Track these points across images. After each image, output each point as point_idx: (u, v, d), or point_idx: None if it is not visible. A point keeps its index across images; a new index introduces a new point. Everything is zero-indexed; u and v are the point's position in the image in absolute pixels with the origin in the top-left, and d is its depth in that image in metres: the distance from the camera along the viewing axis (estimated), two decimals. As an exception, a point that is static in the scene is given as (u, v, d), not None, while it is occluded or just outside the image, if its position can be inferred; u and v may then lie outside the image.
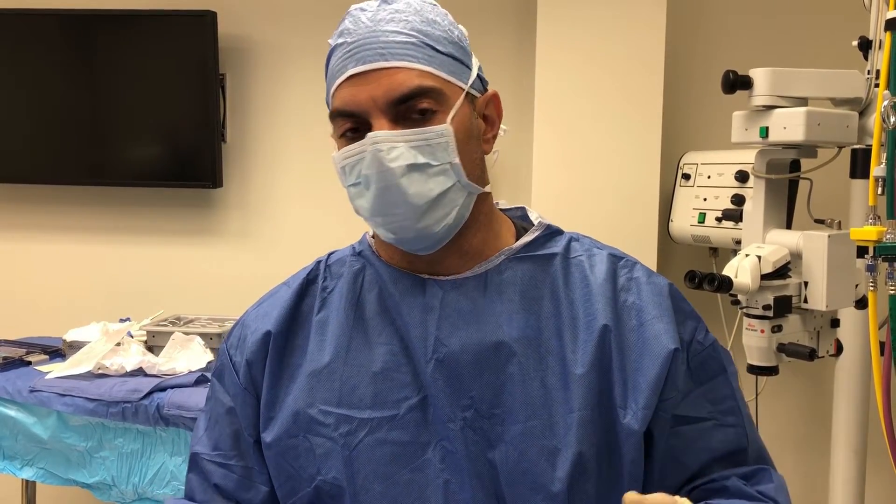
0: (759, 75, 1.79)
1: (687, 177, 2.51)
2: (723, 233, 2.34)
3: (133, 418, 2.13)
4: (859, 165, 1.87)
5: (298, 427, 1.01)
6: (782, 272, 1.82)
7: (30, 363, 2.45)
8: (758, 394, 2.47)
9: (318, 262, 1.10)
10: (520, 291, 1.02)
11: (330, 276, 1.08)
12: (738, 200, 2.28)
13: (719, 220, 2.34)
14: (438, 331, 0.99)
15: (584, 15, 2.47)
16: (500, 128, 1.07)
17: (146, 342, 2.46)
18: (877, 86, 1.78)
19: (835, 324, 1.93)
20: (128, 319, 2.63)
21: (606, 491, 0.98)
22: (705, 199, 2.41)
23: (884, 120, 1.41)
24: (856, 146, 1.86)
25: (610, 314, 1.00)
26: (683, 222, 2.49)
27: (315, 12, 2.81)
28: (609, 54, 2.46)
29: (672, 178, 2.56)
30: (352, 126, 0.97)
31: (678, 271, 1.99)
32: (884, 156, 1.44)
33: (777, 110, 1.78)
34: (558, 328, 1.00)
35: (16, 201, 2.98)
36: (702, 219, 2.41)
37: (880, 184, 1.45)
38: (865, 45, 1.82)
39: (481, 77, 1.03)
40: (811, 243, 1.82)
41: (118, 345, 2.35)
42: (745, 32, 2.65)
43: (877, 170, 1.46)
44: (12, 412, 2.24)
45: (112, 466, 2.20)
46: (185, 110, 2.79)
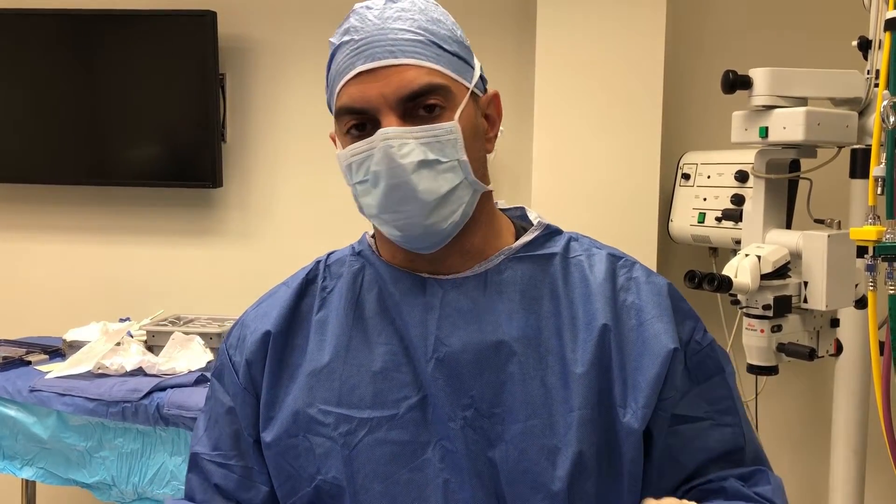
0: (758, 75, 1.79)
1: (687, 177, 2.51)
2: (722, 233, 2.34)
3: (133, 418, 2.13)
4: (859, 165, 1.87)
5: (298, 427, 1.01)
6: (782, 272, 1.82)
7: (30, 363, 2.45)
8: (757, 394, 2.47)
9: (318, 262, 1.10)
10: (520, 291, 1.02)
11: (329, 275, 1.08)
12: (738, 200, 2.28)
13: (719, 219, 2.34)
14: (439, 330, 0.99)
15: (584, 15, 2.47)
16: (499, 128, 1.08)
17: (146, 342, 2.46)
18: (876, 86, 1.78)
19: (834, 323, 1.93)
20: (128, 319, 2.63)
21: (606, 490, 0.98)
22: (705, 199, 2.41)
23: (883, 120, 1.41)
24: (855, 146, 1.86)
25: (609, 313, 1.00)
26: (683, 222, 2.49)
27: (315, 12, 2.81)
28: (609, 54, 2.46)
29: (672, 178, 2.56)
30: (356, 123, 0.97)
31: (678, 271, 1.99)
32: (883, 156, 1.44)
33: (777, 110, 1.78)
34: (558, 327, 1.00)
35: (16, 201, 2.98)
36: (701, 219, 2.41)
37: (880, 184, 1.45)
38: (865, 45, 1.82)
39: (483, 77, 1.04)
40: (811, 243, 1.82)
41: (118, 344, 2.35)
42: (745, 32, 2.65)
43: (876, 170, 1.46)
44: (12, 412, 2.24)
45: (112, 466, 2.20)
46: (185, 110, 2.79)
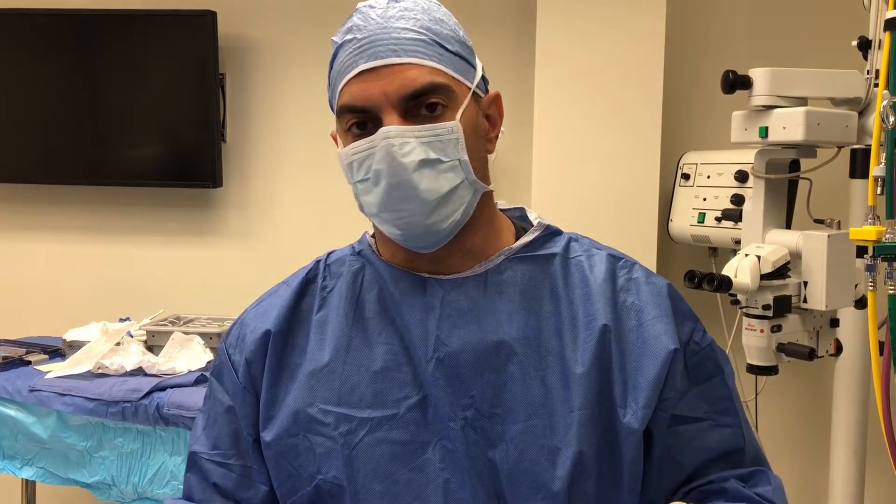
0: (758, 75, 1.79)
1: (686, 177, 2.51)
2: (722, 233, 2.34)
3: (133, 418, 2.13)
4: (859, 165, 1.87)
5: (298, 426, 1.01)
6: (782, 272, 1.82)
7: (30, 363, 2.45)
8: (757, 394, 2.47)
9: (318, 262, 1.10)
10: (520, 291, 1.02)
11: (329, 275, 1.08)
12: (738, 200, 2.28)
13: (719, 219, 2.34)
14: (439, 330, 0.99)
15: (584, 15, 2.47)
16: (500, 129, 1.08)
17: (146, 342, 2.46)
18: (876, 85, 1.78)
19: (834, 323, 1.93)
20: (128, 319, 2.63)
21: (606, 490, 0.98)
22: (705, 199, 2.41)
23: (883, 120, 1.42)
24: (855, 146, 1.87)
25: (609, 314, 1.00)
26: (683, 222, 2.49)
27: (315, 12, 2.81)
28: (609, 54, 2.46)
29: (672, 178, 2.56)
30: (357, 121, 0.97)
31: (678, 271, 1.99)
32: (883, 155, 1.44)
33: (776, 110, 1.79)
34: (558, 328, 1.01)
35: (16, 201, 2.98)
36: (701, 219, 2.41)
37: (879, 183, 1.45)
38: (865, 45, 1.82)
39: (484, 77, 1.04)
40: (811, 243, 1.82)
41: (118, 344, 2.35)
42: (745, 32, 2.65)
43: (876, 169, 1.46)
44: (12, 412, 2.24)
45: (112, 466, 2.20)
46: (185, 110, 2.79)
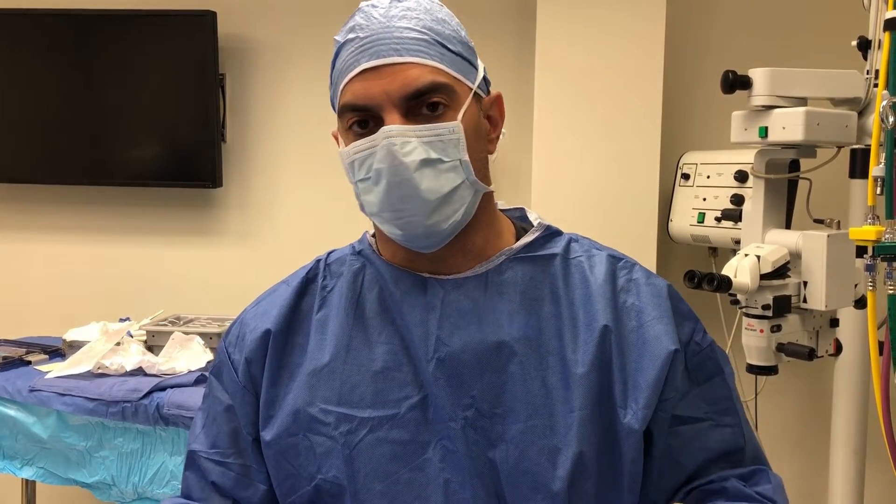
0: (758, 75, 1.79)
1: (686, 177, 2.51)
2: (722, 232, 2.35)
3: (133, 418, 2.13)
4: (858, 165, 1.87)
5: (298, 426, 1.01)
6: (781, 272, 1.82)
7: (30, 363, 2.45)
8: (757, 394, 2.47)
9: (318, 261, 1.10)
10: (520, 292, 1.02)
11: (330, 274, 1.08)
12: (738, 200, 2.28)
13: (719, 219, 2.34)
14: (440, 330, 0.99)
15: (584, 16, 2.47)
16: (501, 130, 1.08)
17: (146, 342, 2.46)
18: (876, 86, 1.78)
19: (834, 323, 1.93)
20: (128, 319, 2.63)
21: (606, 490, 0.98)
22: (705, 199, 2.42)
23: (882, 120, 1.42)
24: (855, 146, 1.87)
25: (610, 315, 1.00)
26: (683, 222, 2.49)
27: (315, 12, 2.81)
28: (608, 55, 2.46)
29: (671, 177, 2.56)
30: (358, 119, 0.97)
31: (678, 271, 1.99)
32: (882, 156, 1.44)
33: (776, 110, 1.79)
34: (559, 328, 1.01)
35: (16, 201, 2.98)
36: (701, 218, 2.41)
37: (879, 183, 1.45)
38: (865, 45, 1.82)
39: (486, 78, 1.04)
40: (810, 243, 1.82)
41: (118, 344, 2.35)
42: (745, 32, 2.65)
43: (876, 170, 1.46)
44: (12, 412, 2.24)
45: (112, 466, 2.20)
46: (185, 110, 2.79)
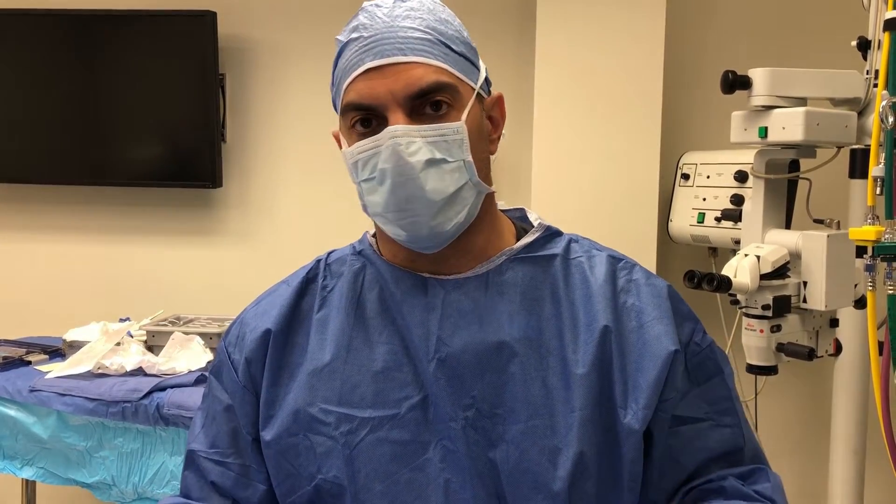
0: (758, 75, 1.79)
1: (686, 177, 2.51)
2: (722, 233, 2.35)
3: (133, 418, 2.13)
4: (858, 165, 1.87)
5: (299, 426, 1.01)
6: (781, 272, 1.82)
7: (30, 363, 2.45)
8: (757, 394, 2.47)
9: (318, 261, 1.10)
10: (521, 292, 1.02)
11: (330, 274, 1.08)
12: (738, 200, 2.28)
13: (718, 219, 2.34)
14: (440, 330, 0.99)
15: (584, 15, 2.47)
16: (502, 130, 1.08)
17: (146, 342, 2.46)
18: (875, 86, 1.78)
19: (834, 323, 1.93)
20: (128, 319, 2.63)
21: (606, 490, 0.98)
22: (704, 199, 2.42)
23: (882, 120, 1.42)
24: (855, 146, 1.87)
25: (610, 315, 1.01)
26: (683, 222, 2.49)
27: (315, 12, 2.81)
28: (608, 54, 2.46)
29: (671, 177, 2.56)
30: (361, 118, 0.97)
31: (677, 271, 1.99)
32: (882, 156, 1.44)
33: (776, 110, 1.79)
34: (559, 329, 1.01)
35: (16, 201, 2.98)
36: (701, 219, 2.41)
37: (879, 184, 1.45)
38: (864, 45, 1.82)
39: (488, 79, 1.04)
40: (810, 243, 1.82)
41: (118, 344, 2.35)
42: (745, 32, 2.65)
43: (875, 170, 1.46)
44: (12, 412, 2.24)
45: (112, 466, 2.20)
46: (185, 110, 2.79)
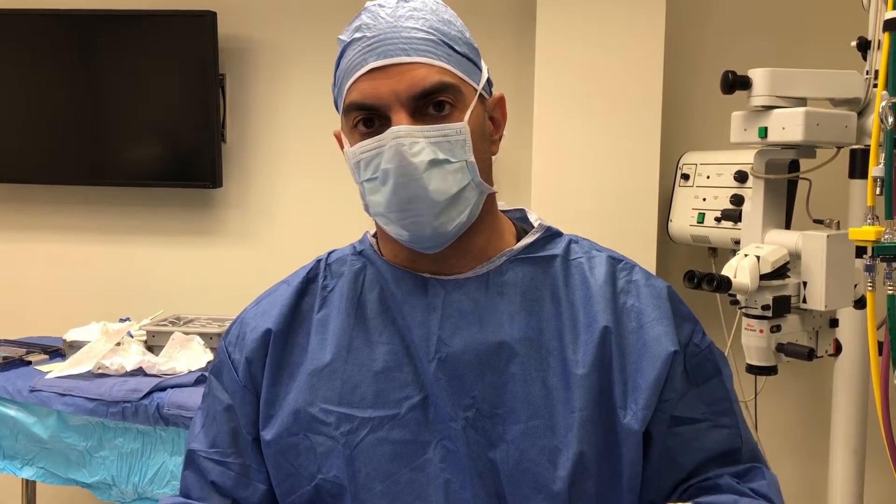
0: (758, 75, 1.79)
1: (686, 177, 2.51)
2: (722, 233, 2.35)
3: (133, 418, 2.13)
4: (858, 165, 1.87)
5: (299, 425, 1.01)
6: (781, 272, 1.82)
7: (30, 363, 2.45)
8: (757, 394, 2.47)
9: (319, 261, 1.10)
10: (521, 292, 1.02)
11: (330, 274, 1.08)
12: (737, 201, 2.28)
13: (718, 220, 2.34)
14: (441, 330, 1.00)
15: (584, 16, 2.47)
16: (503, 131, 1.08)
17: (146, 342, 2.46)
18: (875, 86, 1.78)
19: (833, 324, 1.93)
20: (128, 319, 2.63)
21: (606, 490, 0.98)
22: (704, 200, 2.42)
23: (882, 120, 1.42)
24: (854, 146, 1.87)
25: (610, 316, 1.01)
26: (683, 222, 2.49)
27: (315, 12, 2.81)
28: (608, 54, 2.46)
29: (671, 178, 2.56)
30: (364, 118, 0.97)
31: (677, 271, 1.99)
32: (882, 156, 1.44)
33: (776, 110, 1.79)
34: (559, 329, 1.01)
35: (16, 201, 2.98)
36: (701, 219, 2.41)
37: (879, 184, 1.45)
38: (864, 46, 1.82)
39: (489, 80, 1.04)
40: (810, 243, 1.82)
41: (118, 344, 2.35)
42: (745, 32, 2.65)
43: (875, 170, 1.46)
44: (12, 412, 2.24)
45: (112, 466, 2.20)
46: (185, 110, 2.79)
